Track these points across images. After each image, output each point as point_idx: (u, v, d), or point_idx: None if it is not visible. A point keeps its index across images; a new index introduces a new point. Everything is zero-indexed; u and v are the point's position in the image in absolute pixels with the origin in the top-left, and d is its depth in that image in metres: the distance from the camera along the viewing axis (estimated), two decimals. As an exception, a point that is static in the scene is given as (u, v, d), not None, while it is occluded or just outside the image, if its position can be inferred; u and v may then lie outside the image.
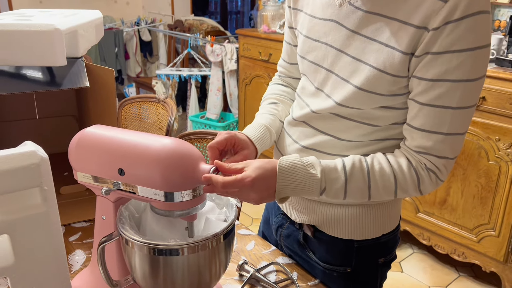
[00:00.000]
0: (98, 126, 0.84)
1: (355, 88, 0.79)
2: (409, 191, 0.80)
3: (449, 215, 2.14)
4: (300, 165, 0.78)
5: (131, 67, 4.64)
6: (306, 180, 0.78)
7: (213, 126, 3.53)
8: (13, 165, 0.57)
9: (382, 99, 0.80)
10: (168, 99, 1.82)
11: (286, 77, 1.07)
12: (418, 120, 0.77)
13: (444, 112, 0.74)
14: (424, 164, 0.79)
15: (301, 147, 0.91)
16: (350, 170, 0.79)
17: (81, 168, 0.82)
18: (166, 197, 0.74)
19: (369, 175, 0.79)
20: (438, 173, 0.79)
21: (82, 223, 1.18)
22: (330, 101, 0.84)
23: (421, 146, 0.78)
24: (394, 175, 0.79)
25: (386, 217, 0.92)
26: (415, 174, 0.79)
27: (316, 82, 0.88)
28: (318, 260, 0.96)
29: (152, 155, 0.73)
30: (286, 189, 0.78)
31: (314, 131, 0.89)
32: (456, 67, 0.71)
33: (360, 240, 0.92)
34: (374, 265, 0.95)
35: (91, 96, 1.27)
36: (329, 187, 0.78)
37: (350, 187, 0.79)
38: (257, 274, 0.95)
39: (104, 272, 0.78)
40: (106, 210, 0.83)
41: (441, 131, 0.76)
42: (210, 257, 0.76)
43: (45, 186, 0.60)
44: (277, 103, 1.01)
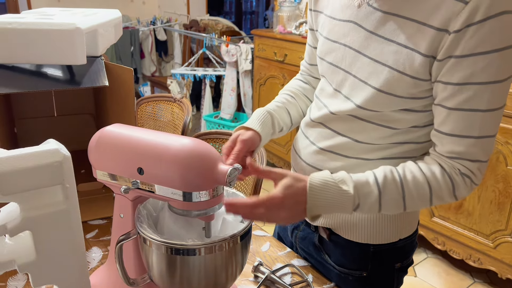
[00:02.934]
0: (118, 125, 0.85)
1: (374, 90, 0.79)
2: (445, 197, 0.78)
3: (465, 220, 2.11)
4: (331, 182, 0.76)
5: (146, 66, 4.67)
6: (339, 197, 0.75)
7: (226, 126, 3.53)
8: (36, 162, 0.58)
9: (402, 102, 0.78)
10: (184, 99, 1.83)
11: (308, 75, 1.08)
12: (447, 125, 0.76)
13: (473, 116, 0.73)
14: (458, 170, 0.77)
15: (318, 149, 0.90)
16: (382, 183, 0.77)
17: (101, 166, 0.83)
18: (184, 197, 0.74)
19: (402, 186, 0.77)
20: (472, 177, 0.77)
21: (99, 220, 1.19)
22: (349, 103, 0.83)
23: (453, 151, 0.76)
24: (428, 183, 0.77)
25: (403, 222, 0.91)
26: (449, 180, 0.77)
27: (334, 83, 0.87)
28: (334, 263, 0.95)
29: (171, 155, 0.74)
30: (317, 207, 0.76)
31: (332, 133, 0.88)
32: (483, 70, 0.70)
33: (377, 245, 0.91)
34: (390, 269, 0.94)
35: (109, 95, 1.29)
36: (363, 202, 0.76)
37: (384, 200, 0.77)
38: (272, 275, 0.94)
39: (121, 270, 0.78)
40: (124, 208, 0.84)
41: (472, 135, 0.74)
42: (227, 258, 0.76)
43: (67, 184, 0.61)
44: (290, 95, 1.03)
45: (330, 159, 0.88)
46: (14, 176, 0.56)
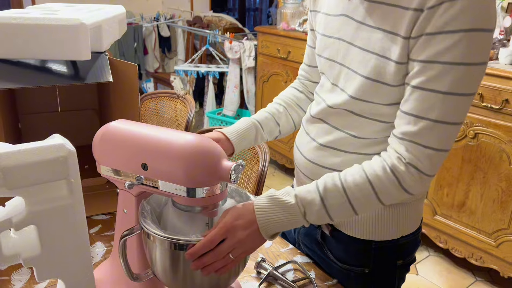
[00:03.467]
0: (122, 121, 0.85)
1: (363, 78, 0.80)
2: (393, 193, 0.76)
3: (467, 219, 2.11)
4: (274, 196, 0.78)
5: (150, 62, 4.67)
6: (284, 208, 0.77)
7: (229, 122, 3.53)
8: (42, 157, 0.58)
9: (391, 91, 0.78)
10: (187, 95, 1.83)
11: (305, 80, 1.08)
12: (408, 104, 0.75)
13: (433, 97, 0.71)
14: (403, 159, 0.75)
15: (318, 145, 0.91)
16: (323, 189, 0.77)
17: (105, 162, 0.83)
18: (188, 193, 0.75)
19: (344, 189, 0.77)
20: (420, 165, 0.74)
21: (102, 215, 1.20)
22: (344, 95, 0.84)
23: (407, 132, 0.74)
24: (370, 182, 0.76)
25: (406, 219, 0.91)
26: (392, 174, 0.75)
27: (332, 78, 0.89)
28: (336, 260, 0.96)
29: (176, 151, 0.74)
30: (269, 223, 0.76)
31: (331, 128, 0.89)
32: (448, 49, 0.68)
33: (379, 241, 0.91)
34: (392, 266, 0.95)
35: (113, 91, 1.29)
36: (308, 210, 0.77)
37: (329, 205, 0.77)
38: (274, 272, 0.95)
39: (125, 265, 0.79)
40: (128, 203, 0.84)
41: (429, 117, 0.72)
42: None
43: (72, 179, 0.61)
44: (283, 105, 1.05)
45: (331, 154, 0.89)
46: (20, 170, 0.57)
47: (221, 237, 0.73)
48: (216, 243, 0.73)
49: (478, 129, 1.99)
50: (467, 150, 2.05)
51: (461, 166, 2.09)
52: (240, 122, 0.99)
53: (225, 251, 0.74)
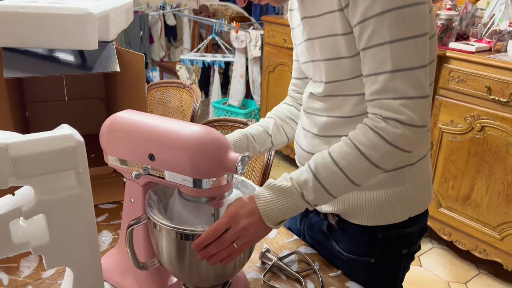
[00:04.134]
0: (129, 111, 0.85)
1: (327, 61, 0.85)
2: (382, 151, 0.76)
3: (472, 212, 2.11)
4: (272, 184, 0.79)
5: (156, 51, 4.66)
6: (283, 193, 0.78)
7: (235, 113, 3.53)
8: (50, 147, 0.58)
9: (351, 63, 0.81)
10: (193, 85, 1.83)
11: (295, 93, 1.13)
12: (365, 68, 0.78)
13: (381, 50, 0.74)
14: (379, 116, 0.76)
15: (312, 135, 0.94)
16: (314, 166, 0.79)
17: (112, 152, 0.84)
18: (194, 184, 0.75)
19: (333, 160, 0.78)
20: (399, 117, 0.74)
21: (109, 204, 1.21)
22: (320, 84, 0.90)
23: (373, 91, 0.76)
24: (355, 146, 0.77)
25: (413, 199, 0.91)
26: (373, 132, 0.76)
27: (312, 76, 0.95)
28: (341, 250, 0.96)
29: (183, 142, 0.74)
30: (270, 210, 0.77)
31: (319, 117, 0.92)
32: (374, 1, 0.72)
33: (385, 229, 0.91)
34: (397, 255, 0.96)
35: (120, 80, 1.29)
36: (304, 190, 0.78)
37: (323, 179, 0.77)
38: (279, 262, 0.96)
39: (131, 254, 0.80)
40: (135, 193, 0.85)
41: (385, 70, 0.74)
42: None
43: (80, 169, 0.62)
44: (272, 117, 1.09)
45: (324, 142, 0.91)
46: (29, 160, 0.57)
47: (224, 227, 0.74)
48: (220, 233, 0.74)
49: (485, 122, 1.98)
50: (473, 143, 2.04)
51: (467, 159, 2.08)
52: (232, 133, 1.03)
53: (229, 240, 0.74)
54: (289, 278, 0.94)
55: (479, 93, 1.98)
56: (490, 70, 1.93)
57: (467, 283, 2.12)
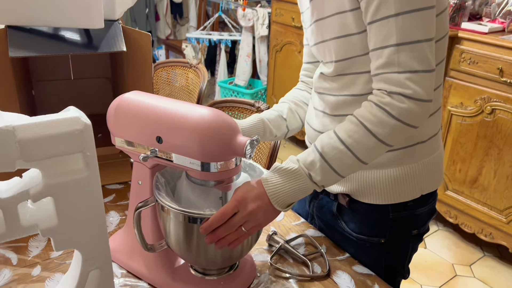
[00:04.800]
0: (136, 92, 0.84)
1: (336, 40, 0.84)
2: (388, 127, 0.74)
3: (479, 195, 2.10)
4: (279, 166, 0.78)
5: (161, 28, 4.61)
6: (290, 175, 0.77)
7: (241, 93, 3.51)
8: (58, 130, 0.58)
9: (360, 39, 0.80)
10: (200, 65, 1.81)
11: (306, 77, 1.12)
12: (371, 42, 0.77)
13: (386, 23, 0.73)
14: (384, 91, 0.75)
15: (324, 115, 0.93)
16: (320, 146, 0.78)
17: (119, 134, 0.83)
18: (202, 167, 0.75)
19: (339, 138, 0.77)
20: (404, 91, 0.73)
21: (116, 185, 1.21)
22: (331, 64, 0.88)
23: (378, 66, 0.76)
24: (361, 123, 0.76)
25: (425, 176, 0.90)
26: (378, 108, 0.75)
27: (322, 58, 0.93)
28: (351, 231, 0.96)
29: (191, 125, 0.73)
30: (279, 193, 0.76)
31: (331, 96, 0.91)
32: None
33: (396, 209, 0.91)
34: (407, 236, 0.96)
35: (126, 60, 1.27)
36: (312, 170, 0.77)
37: (330, 158, 0.77)
38: (286, 245, 0.96)
39: (139, 236, 0.80)
40: (142, 175, 0.85)
41: (390, 43, 0.73)
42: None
43: (87, 152, 0.61)
44: (285, 102, 1.08)
45: (336, 121, 0.90)
46: (36, 143, 0.57)
47: (232, 210, 0.74)
48: (228, 216, 0.74)
49: (495, 104, 1.95)
50: (483, 126, 2.02)
51: (476, 142, 2.06)
52: (248, 118, 1.02)
53: (237, 224, 0.74)
54: (296, 261, 0.94)
55: (491, 75, 1.94)
56: (503, 52, 1.89)
57: (471, 266, 2.13)
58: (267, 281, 0.88)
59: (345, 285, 0.88)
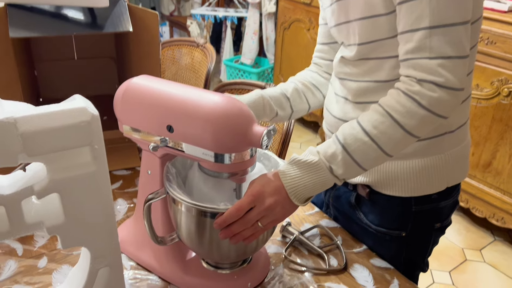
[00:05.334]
0: (145, 77, 0.79)
1: (361, 21, 0.78)
2: (417, 117, 0.69)
3: (492, 179, 2.06)
4: (297, 158, 0.73)
5: (165, 4, 4.49)
6: (309, 167, 0.72)
7: (247, 71, 3.44)
8: (63, 122, 0.53)
9: (388, 21, 0.75)
10: (207, 44, 1.75)
11: (320, 59, 1.05)
12: (400, 24, 0.71)
13: (419, 3, 0.67)
14: (413, 78, 0.70)
15: (345, 100, 0.88)
16: (342, 137, 0.73)
17: (127, 121, 0.78)
18: (216, 158, 0.70)
19: (364, 130, 0.72)
20: (435, 79, 0.67)
21: (123, 171, 1.17)
22: (353, 47, 0.83)
23: (408, 50, 0.70)
24: (388, 113, 0.71)
25: (452, 169, 0.86)
26: (407, 97, 0.70)
27: (344, 40, 0.87)
28: (370, 223, 0.92)
29: (204, 114, 0.69)
30: (297, 187, 0.72)
31: (353, 82, 0.86)
32: None
33: (420, 202, 0.87)
34: (429, 229, 0.92)
35: (132, 40, 1.22)
36: (333, 163, 0.72)
37: (353, 150, 0.71)
38: (301, 237, 0.92)
39: (149, 228, 0.76)
40: (152, 165, 0.80)
41: (422, 26, 0.68)
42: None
43: (95, 145, 0.57)
44: (293, 82, 1.02)
45: (358, 108, 0.86)
46: (40, 136, 0.52)
47: (249, 205, 0.70)
48: (244, 212, 0.69)
49: (512, 86, 1.89)
50: (499, 108, 1.96)
51: (491, 125, 2.00)
52: (247, 94, 0.96)
53: (253, 219, 0.70)
54: (311, 253, 0.91)
55: (509, 56, 1.87)
56: (522, 31, 1.82)
57: (481, 250, 2.11)
58: (282, 274, 0.85)
59: (363, 279, 0.85)
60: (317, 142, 3.08)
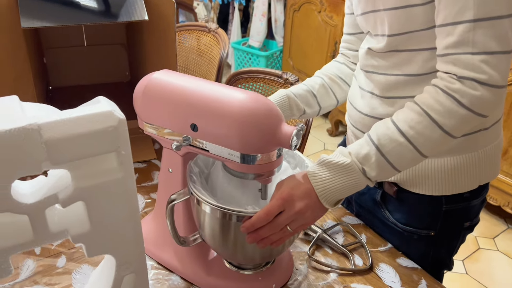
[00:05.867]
0: (166, 72, 0.75)
1: (393, 11, 0.74)
2: (457, 117, 0.65)
3: (508, 167, 2.02)
4: (327, 159, 0.69)
5: (170, -15, 4.40)
6: (340, 169, 0.68)
7: (255, 54, 3.37)
8: (89, 128, 0.50)
9: (423, 12, 0.71)
10: (220, 30, 1.70)
11: (347, 50, 1.01)
12: (440, 16, 0.67)
13: None
14: (454, 75, 0.65)
15: (371, 95, 0.84)
16: (376, 138, 0.69)
17: (148, 118, 0.75)
18: (242, 159, 0.67)
19: (399, 130, 0.68)
20: (477, 76, 0.63)
21: (138, 164, 1.14)
22: (383, 38, 0.79)
23: (448, 45, 0.66)
24: (425, 112, 0.67)
25: (484, 167, 0.83)
26: (446, 96, 0.65)
27: (371, 29, 0.84)
28: (396, 221, 0.90)
29: (230, 113, 0.65)
30: (328, 190, 0.68)
31: (381, 75, 0.82)
32: None
33: (451, 201, 0.84)
34: (459, 228, 0.90)
35: (146, 28, 1.17)
36: (366, 165, 0.68)
37: (387, 152, 0.68)
38: (324, 235, 0.90)
39: (172, 230, 0.74)
40: (173, 163, 0.77)
41: (465, 19, 0.63)
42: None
43: (122, 151, 0.53)
44: (319, 77, 0.98)
45: (386, 104, 0.82)
46: (65, 143, 0.49)
47: (278, 209, 0.67)
48: (273, 216, 0.67)
49: (532, 73, 1.83)
50: (517, 95, 1.91)
51: (508, 112, 1.95)
52: (273, 95, 0.93)
53: (282, 224, 0.67)
54: (334, 251, 0.88)
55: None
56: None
57: (495, 238, 2.09)
58: (306, 274, 0.83)
59: (390, 280, 0.82)
60: (326, 127, 3.04)
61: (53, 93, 1.46)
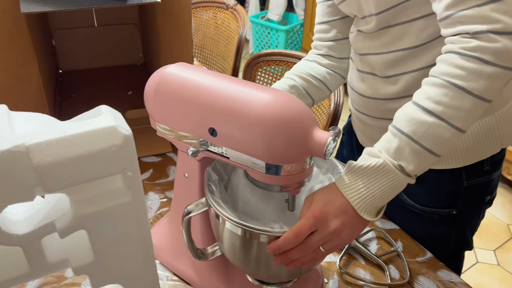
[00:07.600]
0: (181, 65, 0.66)
1: None
2: (485, 77, 0.56)
3: (546, 153, 1.89)
4: (356, 165, 0.60)
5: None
6: (374, 172, 0.58)
7: (274, 29, 3.23)
8: (88, 149, 0.42)
9: None
10: (238, 6, 1.58)
11: (321, 42, 0.93)
12: None
13: None
14: (465, 34, 0.57)
15: (372, 76, 0.81)
16: (401, 125, 0.59)
17: (161, 119, 0.67)
18: (268, 169, 0.58)
19: (425, 109, 0.58)
20: (491, 27, 0.55)
21: (153, 157, 1.07)
22: (371, 18, 0.74)
23: (448, 6, 0.57)
24: (447, 82, 0.57)
25: (504, 128, 0.79)
26: (464, 58, 0.56)
27: (356, 11, 0.78)
28: (415, 204, 0.85)
29: (255, 118, 0.56)
30: (363, 198, 0.59)
31: (378, 56, 0.77)
32: None
33: (471, 176, 0.80)
34: (480, 203, 0.86)
35: (160, 9, 1.07)
36: (402, 159, 0.58)
37: (421, 137, 0.58)
38: (356, 243, 0.81)
39: (189, 242, 0.66)
40: (190, 168, 0.69)
41: None
42: (317, 242, 0.62)
43: (129, 172, 0.45)
44: (290, 78, 0.89)
45: (389, 83, 0.78)
46: (59, 167, 0.41)
47: (310, 230, 0.58)
48: (304, 237, 0.58)
49: None
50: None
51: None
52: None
53: (315, 245, 0.59)
54: (368, 261, 0.80)
55: None
56: None
57: (528, 227, 1.98)
58: (337, 289, 0.75)
59: (430, 297, 0.74)
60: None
61: (63, 77, 1.38)
